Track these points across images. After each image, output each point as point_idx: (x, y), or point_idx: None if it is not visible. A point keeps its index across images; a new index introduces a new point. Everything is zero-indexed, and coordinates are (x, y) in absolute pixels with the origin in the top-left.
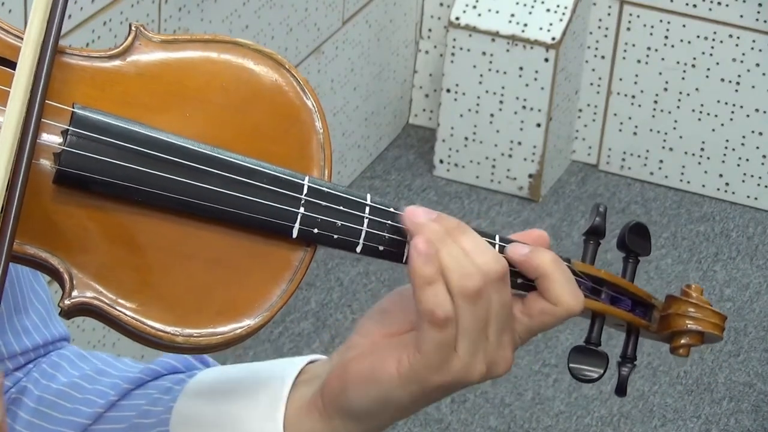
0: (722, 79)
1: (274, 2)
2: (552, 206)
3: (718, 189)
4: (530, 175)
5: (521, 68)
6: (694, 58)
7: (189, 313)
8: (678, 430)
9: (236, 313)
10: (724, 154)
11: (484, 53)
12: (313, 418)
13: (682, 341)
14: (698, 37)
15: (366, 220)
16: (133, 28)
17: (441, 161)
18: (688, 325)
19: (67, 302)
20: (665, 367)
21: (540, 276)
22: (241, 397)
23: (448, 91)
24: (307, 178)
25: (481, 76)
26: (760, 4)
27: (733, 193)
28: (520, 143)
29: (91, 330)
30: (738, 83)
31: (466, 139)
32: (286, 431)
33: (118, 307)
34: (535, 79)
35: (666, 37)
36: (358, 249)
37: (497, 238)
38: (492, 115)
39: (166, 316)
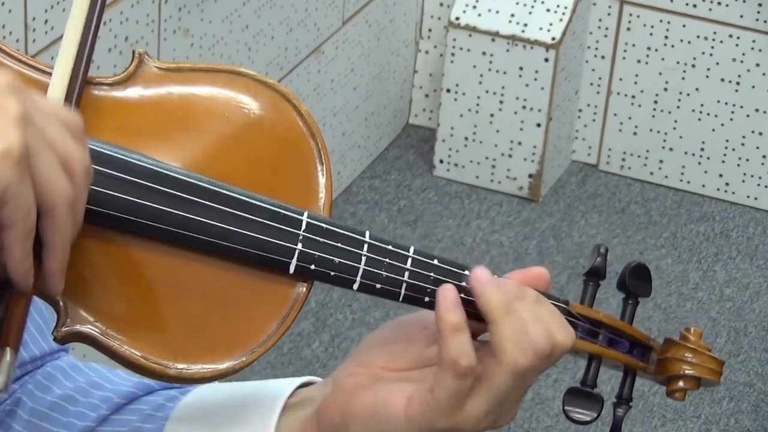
0: (722, 79)
1: (274, 2)
2: (552, 206)
3: (718, 189)
4: (530, 175)
5: (521, 68)
6: (694, 58)
7: (183, 347)
8: (678, 430)
9: (230, 348)
10: (724, 154)
11: (484, 53)
12: None
13: (679, 385)
14: (698, 37)
15: (364, 258)
16: (136, 56)
17: (441, 161)
18: (685, 371)
19: (61, 330)
20: None
21: (488, 320)
22: (232, 419)
23: (448, 91)
24: (305, 214)
25: (481, 76)
26: (760, 4)
27: (733, 193)
28: (520, 143)
29: None
30: (738, 83)
31: (466, 139)
32: None
33: (111, 339)
34: (535, 79)
35: (666, 37)
36: (355, 286)
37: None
38: (492, 115)
39: (159, 349)
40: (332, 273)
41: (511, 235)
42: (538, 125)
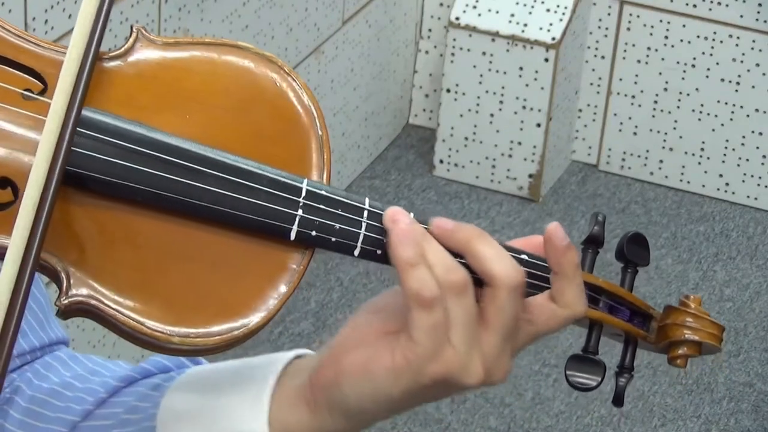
0: (722, 79)
1: (274, 2)
2: (552, 206)
3: (718, 189)
4: (530, 175)
5: (521, 68)
6: (694, 58)
7: (186, 314)
8: (678, 430)
9: (233, 314)
10: (724, 154)
11: (484, 53)
12: (301, 410)
13: (680, 351)
14: (698, 37)
15: (364, 224)
16: (134, 30)
17: (441, 161)
18: (686, 335)
19: (64, 301)
20: (665, 367)
21: (562, 275)
22: (226, 389)
23: (448, 91)
24: (305, 181)
25: (481, 76)
26: (760, 4)
27: (733, 193)
28: (520, 143)
29: (92, 330)
30: (738, 83)
31: (466, 139)
32: (271, 423)
33: (114, 307)
34: (535, 79)
35: (666, 37)
36: (356, 252)
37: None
38: (492, 115)
39: (162, 316)
40: (333, 239)
41: (511, 235)
42: (538, 125)
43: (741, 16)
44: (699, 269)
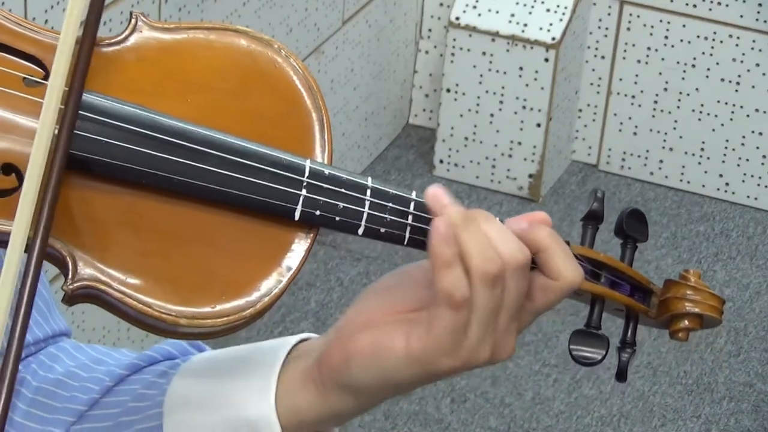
0: (722, 79)
1: (274, 2)
2: (552, 206)
3: (718, 189)
4: (530, 175)
5: (521, 68)
6: (694, 58)
7: (192, 295)
8: (678, 430)
9: (240, 295)
10: (724, 154)
11: (484, 53)
12: (308, 392)
13: (681, 324)
14: (698, 37)
15: (368, 203)
16: (133, 16)
17: (441, 161)
18: (687, 308)
19: (70, 286)
20: (665, 367)
21: (539, 250)
22: (233, 375)
23: (448, 91)
24: (308, 161)
25: (481, 76)
26: (760, 4)
27: (733, 193)
28: (520, 143)
29: (92, 330)
30: (738, 83)
31: (466, 139)
32: (279, 406)
33: (121, 289)
34: (535, 79)
35: (666, 37)
36: (360, 231)
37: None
38: (492, 115)
39: (169, 298)
40: (337, 218)
41: None
42: (538, 125)
43: (741, 16)
44: (699, 269)
